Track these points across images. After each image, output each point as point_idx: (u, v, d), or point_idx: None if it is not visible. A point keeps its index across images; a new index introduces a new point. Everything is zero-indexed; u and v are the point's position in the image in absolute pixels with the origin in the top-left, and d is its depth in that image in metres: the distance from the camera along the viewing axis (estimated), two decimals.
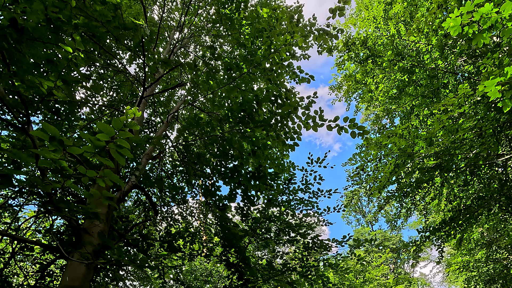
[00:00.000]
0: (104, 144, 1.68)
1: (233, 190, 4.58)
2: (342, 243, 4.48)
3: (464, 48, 5.72)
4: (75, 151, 1.75)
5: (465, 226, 6.71)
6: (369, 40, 7.35)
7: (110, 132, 1.50)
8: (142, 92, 4.30)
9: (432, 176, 6.06)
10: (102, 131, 1.66)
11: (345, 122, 2.82)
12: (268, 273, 4.19)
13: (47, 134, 1.66)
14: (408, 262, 22.52)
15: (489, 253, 9.62)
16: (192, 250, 4.95)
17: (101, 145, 1.70)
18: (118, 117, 1.47)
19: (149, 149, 5.11)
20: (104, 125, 1.59)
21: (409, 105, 7.89)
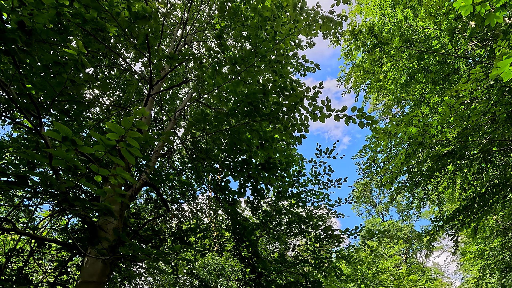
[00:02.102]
0: (115, 143, 1.70)
1: (243, 184, 4.59)
2: (354, 234, 4.46)
3: (475, 31, 5.54)
4: (87, 151, 1.77)
5: (480, 215, 6.58)
6: (375, 27, 7.20)
7: (120, 131, 1.52)
8: (149, 90, 4.32)
9: (444, 164, 5.95)
10: (112, 131, 1.67)
11: (353, 112, 2.78)
12: (280, 266, 4.21)
13: (59, 134, 1.69)
14: (420, 252, 22.34)
15: (504, 240, 9.44)
16: (204, 245, 5.01)
17: (111, 144, 1.72)
18: (127, 117, 1.48)
19: (158, 146, 5.16)
20: (114, 124, 1.61)
21: (419, 93, 7.73)
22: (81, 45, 2.30)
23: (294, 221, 4.35)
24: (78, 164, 1.91)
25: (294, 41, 4.06)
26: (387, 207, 21.64)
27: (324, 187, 4.50)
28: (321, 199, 4.51)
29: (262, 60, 3.97)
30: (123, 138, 1.63)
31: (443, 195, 8.75)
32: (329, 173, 4.44)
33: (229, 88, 4.49)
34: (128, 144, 1.54)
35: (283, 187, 4.08)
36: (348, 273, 10.72)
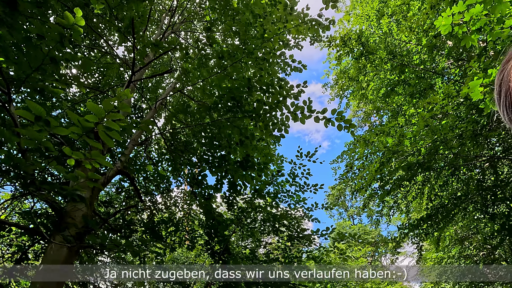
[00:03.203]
0: (93, 125, 1.63)
1: (220, 180, 4.58)
2: (325, 236, 4.59)
3: (452, 50, 5.86)
4: (61, 132, 1.69)
5: (442, 225, 6.99)
6: (363, 36, 7.42)
7: (100, 113, 1.46)
8: (131, 76, 4.19)
9: (414, 174, 6.26)
10: (92, 112, 1.61)
11: (332, 114, 2.86)
12: (251, 262, 4.25)
13: (32, 114, 1.60)
14: (385, 256, 23.39)
15: (461, 249, 10.11)
16: (176, 239, 4.94)
17: (89, 127, 1.65)
18: (109, 98, 1.43)
19: (135, 134, 5.02)
20: (94, 105, 1.54)
21: (397, 104, 8.06)
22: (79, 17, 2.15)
23: (269, 219, 4.41)
24: (50, 146, 1.82)
25: (282, 41, 4.09)
26: (358, 213, 22.42)
27: (301, 190, 4.59)
28: (297, 201, 4.60)
29: (249, 56, 3.97)
30: (102, 120, 1.57)
31: (412, 205, 9.20)
32: (307, 176, 4.54)
33: (214, 82, 4.45)
34: (107, 127, 1.49)
35: (260, 186, 4.12)
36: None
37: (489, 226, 8.34)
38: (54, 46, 2.41)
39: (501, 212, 7.15)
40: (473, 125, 3.91)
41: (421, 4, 6.39)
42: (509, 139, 5.73)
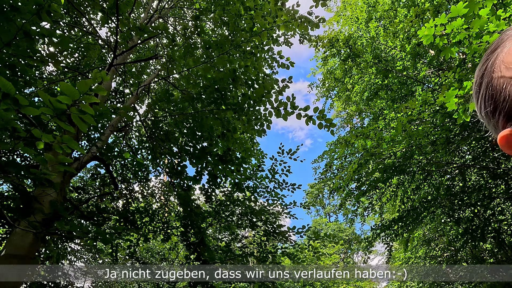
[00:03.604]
0: (65, 107, 1.55)
1: (200, 172, 4.53)
2: (301, 234, 4.67)
3: (433, 59, 6.07)
4: (31, 112, 1.60)
5: (412, 226, 7.32)
6: (351, 39, 7.53)
7: (74, 95, 1.38)
8: (112, 59, 4.03)
9: (389, 177, 6.49)
10: (65, 93, 1.52)
11: (314, 112, 2.89)
12: (225, 255, 4.27)
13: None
14: (357, 253, 24.26)
15: (427, 250, 10.67)
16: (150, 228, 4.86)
17: (62, 108, 1.56)
18: (84, 80, 1.36)
19: (114, 120, 4.85)
20: (68, 86, 1.46)
21: (378, 108, 8.28)
22: None
23: (246, 213, 4.43)
24: (18, 126, 1.72)
25: (271, 36, 4.07)
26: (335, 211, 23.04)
27: (279, 187, 4.64)
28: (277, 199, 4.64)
29: (237, 49, 3.92)
30: (77, 102, 1.49)
31: (385, 206, 9.54)
32: (287, 173, 4.58)
33: (200, 72, 4.37)
34: (81, 110, 1.42)
35: (240, 179, 4.12)
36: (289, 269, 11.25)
37: (454, 229, 8.83)
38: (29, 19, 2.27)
39: (466, 217, 7.58)
40: (447, 132, 4.09)
41: (408, 11, 6.56)
42: (478, 148, 6.06)
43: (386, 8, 7.31)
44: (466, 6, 2.36)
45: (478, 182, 7.02)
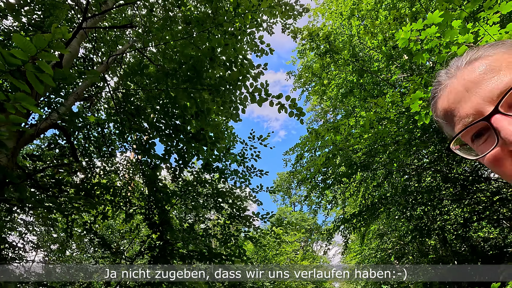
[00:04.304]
0: (20, 63, 1.41)
1: (169, 150, 4.42)
2: (265, 219, 4.78)
3: (406, 63, 6.35)
4: None
5: (369, 221, 7.80)
6: (332, 34, 7.61)
7: (30, 50, 1.25)
8: (81, 21, 3.72)
9: (353, 172, 6.82)
10: (20, 48, 1.38)
11: (286, 100, 2.93)
12: (188, 236, 4.27)
13: None
14: (317, 242, 25.52)
15: (380, 243, 11.50)
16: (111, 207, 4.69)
17: (16, 64, 1.42)
18: (42, 35, 1.23)
19: (80, 88, 4.54)
20: (24, 40, 1.32)
21: (351, 106, 8.56)
22: None
23: (213, 195, 4.43)
24: None
25: (256, 20, 3.99)
26: (300, 201, 23.84)
27: (248, 171, 4.68)
28: (244, 180, 4.68)
29: (218, 28, 3.80)
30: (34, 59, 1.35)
31: (348, 200, 10.03)
32: (256, 158, 4.63)
33: (177, 48, 4.19)
34: (38, 68, 1.29)
35: (210, 161, 4.08)
36: (251, 252, 11.57)
37: (405, 226, 9.56)
38: None
39: (417, 215, 8.23)
40: (409, 134, 4.35)
41: (388, 13, 6.75)
42: (436, 153, 6.54)
43: (369, 7, 7.46)
44: (441, 16, 2.47)
45: (431, 183, 7.62)
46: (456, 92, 0.47)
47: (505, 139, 0.41)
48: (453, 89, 0.48)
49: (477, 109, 0.44)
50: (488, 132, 0.45)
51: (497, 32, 2.23)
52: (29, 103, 1.45)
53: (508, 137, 0.40)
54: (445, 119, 0.51)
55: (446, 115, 0.50)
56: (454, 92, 0.48)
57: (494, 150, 0.44)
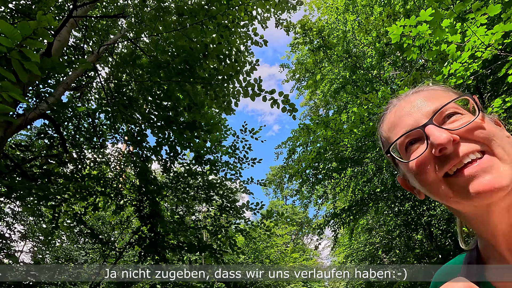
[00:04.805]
0: (6, 50, 1.38)
1: (160, 142, 4.40)
2: (255, 211, 4.83)
3: (398, 60, 6.41)
4: None
5: (358, 216, 7.95)
6: (325, 29, 7.60)
7: (15, 37, 1.23)
8: (72, 9, 3.64)
9: (344, 168, 6.91)
10: (5, 34, 1.36)
11: (279, 96, 2.95)
12: (178, 227, 4.29)
13: None
14: (307, 236, 25.92)
15: (368, 237, 11.76)
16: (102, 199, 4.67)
17: (1, 51, 1.39)
18: (27, 22, 1.21)
19: (70, 77, 4.46)
20: (8, 26, 1.30)
21: (344, 102, 8.62)
22: None
23: (203, 187, 4.45)
24: None
25: (251, 13, 3.97)
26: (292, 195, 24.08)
27: (239, 162, 4.71)
28: (234, 172, 4.71)
29: (212, 21, 3.76)
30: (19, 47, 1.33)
31: (338, 195, 10.17)
32: (247, 151, 4.66)
33: (170, 39, 4.14)
34: (23, 56, 1.28)
35: (200, 153, 4.09)
36: (242, 245, 11.70)
37: (393, 221, 9.78)
38: None
39: (405, 210, 8.41)
40: None
41: (383, 10, 6.78)
42: None
43: (364, 3, 7.46)
44: (431, 15, 2.51)
45: None
46: (403, 109, 0.59)
47: (432, 142, 0.49)
48: (401, 107, 0.60)
49: (417, 121, 0.55)
50: (420, 142, 0.54)
51: (484, 33, 2.28)
52: (15, 93, 1.43)
53: (437, 140, 0.48)
54: (388, 132, 0.61)
55: (390, 128, 0.61)
56: (401, 108, 0.59)
57: (423, 155, 0.52)
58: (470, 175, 0.47)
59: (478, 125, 0.51)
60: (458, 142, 0.50)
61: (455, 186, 0.49)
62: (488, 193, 0.46)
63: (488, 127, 0.51)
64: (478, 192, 0.46)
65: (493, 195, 0.46)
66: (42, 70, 3.17)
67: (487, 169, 0.47)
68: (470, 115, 0.53)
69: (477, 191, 0.46)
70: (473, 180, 0.47)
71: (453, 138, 0.49)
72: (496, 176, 0.46)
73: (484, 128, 0.50)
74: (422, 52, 3.09)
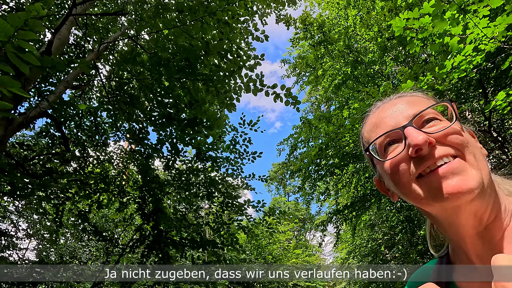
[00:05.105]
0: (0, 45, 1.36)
1: (162, 140, 4.41)
2: (256, 208, 4.83)
3: (400, 54, 6.36)
4: None
5: (360, 212, 7.93)
6: (326, 24, 7.53)
7: (7, 30, 1.21)
8: (71, 7, 3.63)
9: (346, 164, 6.89)
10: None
11: (282, 90, 2.95)
12: (180, 224, 4.30)
13: None
14: (309, 232, 25.97)
15: (371, 233, 11.75)
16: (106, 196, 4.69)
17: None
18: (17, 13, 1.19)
19: (70, 76, 4.47)
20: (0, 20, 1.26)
21: (345, 97, 8.57)
22: None
23: (205, 183, 4.45)
24: None
25: (250, 8, 3.94)
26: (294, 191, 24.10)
27: (240, 157, 4.71)
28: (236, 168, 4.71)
29: (211, 17, 3.74)
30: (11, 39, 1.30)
31: (341, 192, 10.14)
32: (247, 144, 4.66)
33: (170, 36, 4.12)
34: (19, 48, 1.26)
35: (202, 150, 4.09)
36: (244, 242, 11.73)
37: (396, 216, 9.76)
38: None
39: (407, 205, 8.39)
40: None
41: (384, 4, 6.70)
42: None
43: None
44: (433, 5, 2.48)
45: None
46: (386, 111, 0.61)
47: (410, 143, 0.52)
48: (384, 110, 0.62)
49: (397, 123, 0.57)
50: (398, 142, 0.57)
51: (486, 25, 2.24)
52: (14, 86, 1.40)
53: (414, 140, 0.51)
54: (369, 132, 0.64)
55: (371, 128, 0.63)
56: (384, 111, 0.62)
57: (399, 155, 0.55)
58: (441, 176, 0.50)
59: (455, 131, 0.54)
60: (434, 145, 0.52)
61: (426, 187, 0.51)
62: (456, 195, 0.48)
63: (464, 135, 0.54)
64: (447, 193, 0.48)
65: (460, 197, 0.48)
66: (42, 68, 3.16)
67: (456, 171, 0.50)
68: (447, 122, 0.56)
69: (447, 192, 0.48)
70: (443, 181, 0.50)
71: (429, 141, 0.52)
72: (464, 178, 0.49)
73: (460, 135, 0.54)
74: (425, 45, 3.06)
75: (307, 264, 15.40)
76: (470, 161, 0.51)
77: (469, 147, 0.52)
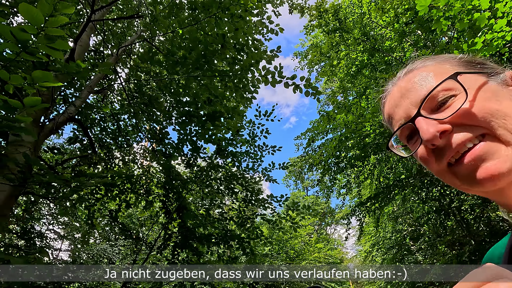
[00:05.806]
0: (31, 38, 1.36)
1: (182, 139, 4.48)
2: (279, 202, 4.83)
3: (420, 40, 6.10)
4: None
5: (384, 204, 7.74)
6: (341, 12, 7.35)
7: (38, 20, 1.16)
8: (90, 14, 3.74)
9: (367, 155, 6.72)
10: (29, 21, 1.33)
11: (301, 81, 2.91)
12: (204, 220, 4.37)
13: None
14: (330, 226, 25.71)
15: (394, 225, 11.45)
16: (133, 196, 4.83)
17: (26, 39, 1.37)
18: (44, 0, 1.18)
19: (92, 80, 4.61)
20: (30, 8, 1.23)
21: (363, 86, 8.36)
22: None
23: (226, 179, 4.49)
24: None
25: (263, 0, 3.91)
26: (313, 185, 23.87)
27: (259, 150, 4.73)
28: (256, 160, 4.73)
29: (225, 12, 3.74)
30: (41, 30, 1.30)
31: (363, 184, 9.92)
32: (266, 135, 4.67)
33: (185, 35, 4.16)
34: (49, 37, 1.27)
35: (222, 146, 4.12)
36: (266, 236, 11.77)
37: (421, 207, 9.45)
38: None
39: (433, 196, 8.09)
40: None
41: None
42: None
43: None
44: None
45: None
46: (395, 98, 0.54)
47: (422, 138, 0.47)
48: (393, 95, 0.55)
49: (407, 112, 0.51)
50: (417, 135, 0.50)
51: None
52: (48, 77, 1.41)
53: (424, 135, 0.46)
54: (388, 123, 0.58)
55: (388, 119, 0.57)
56: (393, 98, 0.55)
57: (420, 148, 0.50)
58: (468, 163, 0.45)
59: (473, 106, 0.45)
60: (451, 132, 0.46)
61: (458, 175, 0.47)
62: (490, 180, 0.43)
63: (486, 105, 0.45)
64: (480, 179, 0.44)
65: (495, 181, 0.43)
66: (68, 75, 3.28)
67: (484, 156, 0.44)
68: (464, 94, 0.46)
69: (479, 178, 0.44)
70: (473, 168, 0.44)
71: (443, 129, 0.45)
72: (494, 162, 0.43)
73: (482, 107, 0.45)
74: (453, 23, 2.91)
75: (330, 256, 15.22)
76: (502, 136, 0.43)
77: (496, 120, 0.43)
